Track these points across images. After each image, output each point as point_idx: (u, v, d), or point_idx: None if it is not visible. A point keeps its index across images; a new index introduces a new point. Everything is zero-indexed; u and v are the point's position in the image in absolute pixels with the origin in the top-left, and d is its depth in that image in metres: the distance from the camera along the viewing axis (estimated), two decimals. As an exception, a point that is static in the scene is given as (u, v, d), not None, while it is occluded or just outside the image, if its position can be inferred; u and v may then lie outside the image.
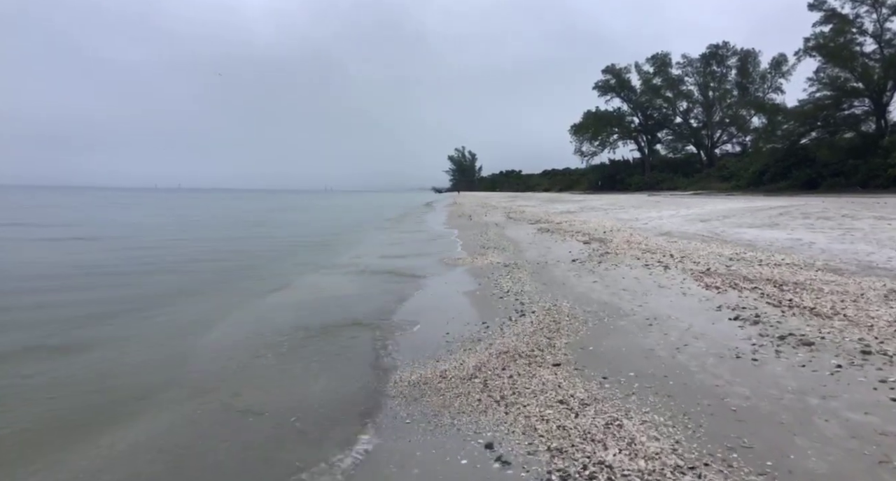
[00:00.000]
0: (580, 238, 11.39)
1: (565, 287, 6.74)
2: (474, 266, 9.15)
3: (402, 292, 7.33)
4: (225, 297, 7.24)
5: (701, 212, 14.64)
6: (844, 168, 34.93)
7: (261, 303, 6.73)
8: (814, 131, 38.23)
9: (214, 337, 5.24)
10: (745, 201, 19.45)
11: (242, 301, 6.87)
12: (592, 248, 9.60)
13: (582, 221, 15.21)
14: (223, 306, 6.55)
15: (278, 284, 8.02)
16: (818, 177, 36.29)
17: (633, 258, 8.11)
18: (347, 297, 7.05)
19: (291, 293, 7.42)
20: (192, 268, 9.97)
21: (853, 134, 37.17)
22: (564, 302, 5.92)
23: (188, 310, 6.46)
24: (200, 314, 6.19)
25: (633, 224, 13.62)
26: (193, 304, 6.82)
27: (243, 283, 8.38)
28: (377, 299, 6.94)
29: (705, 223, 11.51)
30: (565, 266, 8.26)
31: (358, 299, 6.96)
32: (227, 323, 5.79)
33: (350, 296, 7.18)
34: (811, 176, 36.75)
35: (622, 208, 19.23)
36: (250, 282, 8.42)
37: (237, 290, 7.77)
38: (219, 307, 6.52)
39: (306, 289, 7.65)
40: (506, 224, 16.96)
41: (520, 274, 7.96)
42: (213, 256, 11.69)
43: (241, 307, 6.51)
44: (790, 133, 39.28)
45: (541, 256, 9.52)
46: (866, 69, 36.49)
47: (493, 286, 7.22)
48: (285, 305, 6.62)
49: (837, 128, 37.51)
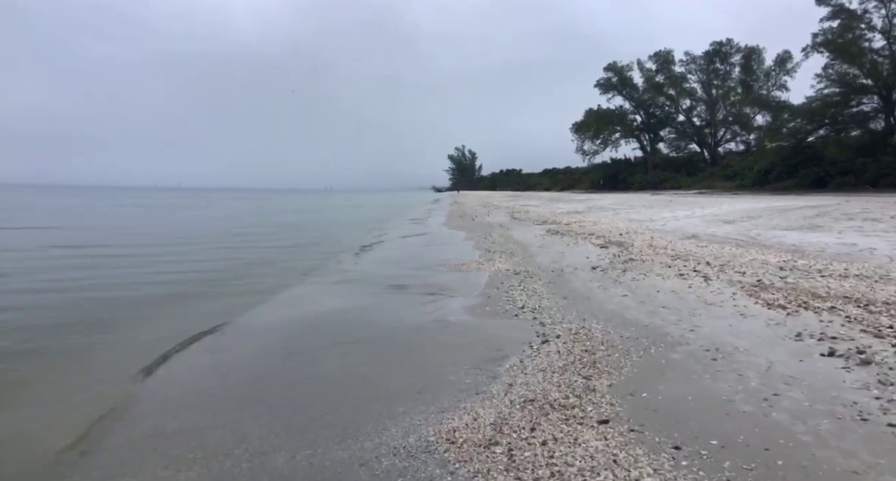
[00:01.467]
0: (595, 241, 10.33)
1: (591, 302, 5.68)
2: (480, 273, 8.10)
3: (394, 307, 6.28)
4: (205, 307, 6.19)
5: (719, 212, 13.58)
6: (853, 166, 33.87)
7: (236, 326, 5.67)
8: (821, 129, 37.18)
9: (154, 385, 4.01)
10: (762, 200, 18.37)
11: (213, 320, 5.81)
12: (612, 254, 8.54)
13: (592, 222, 14.15)
14: (186, 328, 5.49)
15: (253, 300, 6.96)
16: (826, 176, 35.24)
17: (662, 266, 7.06)
18: (335, 314, 6.00)
19: (271, 311, 6.36)
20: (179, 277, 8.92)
21: (861, 131, 36.14)
22: (594, 322, 4.87)
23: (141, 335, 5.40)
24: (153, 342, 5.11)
25: (648, 225, 12.57)
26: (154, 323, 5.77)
27: (218, 300, 7.33)
28: (364, 316, 5.89)
29: (731, 224, 10.46)
30: (585, 274, 7.20)
31: (346, 316, 5.90)
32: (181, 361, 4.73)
33: (339, 311, 6.13)
34: (819, 174, 35.68)
35: (632, 208, 18.17)
36: (229, 298, 7.37)
37: (204, 307, 6.71)
38: (181, 330, 5.45)
39: (289, 306, 6.58)
40: (511, 225, 15.90)
41: (534, 284, 6.90)
42: (199, 263, 10.65)
43: (208, 336, 5.46)
44: (797, 131, 38.23)
45: (554, 262, 8.46)
46: (875, 65, 35.42)
47: (504, 299, 6.16)
48: (258, 329, 5.56)
49: (846, 126, 36.46)
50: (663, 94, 53.55)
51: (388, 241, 14.23)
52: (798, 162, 37.55)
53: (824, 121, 36.81)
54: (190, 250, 12.39)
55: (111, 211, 34.03)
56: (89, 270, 9.28)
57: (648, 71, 53.84)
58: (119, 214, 30.45)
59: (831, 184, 33.86)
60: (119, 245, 13.44)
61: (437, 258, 10.07)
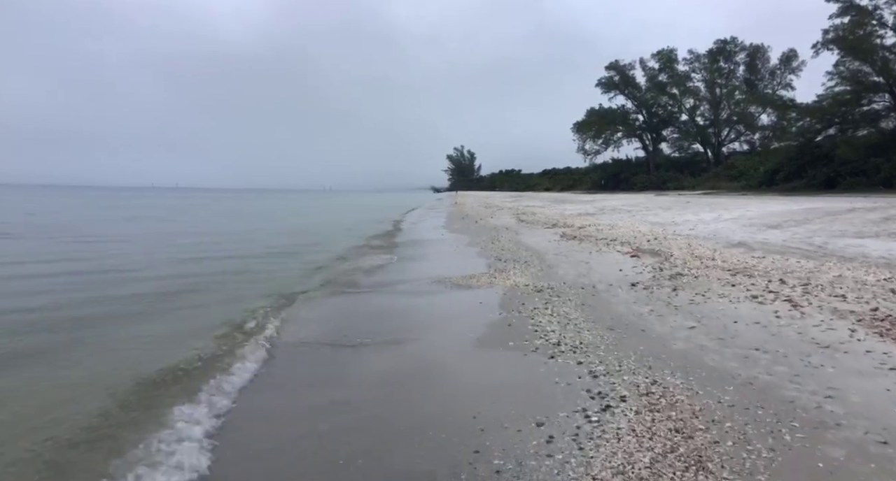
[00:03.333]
0: (621, 248, 8.91)
1: (649, 337, 4.25)
2: (492, 290, 6.67)
3: (382, 343, 4.84)
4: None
5: (752, 215, 12.17)
6: (865, 166, 32.61)
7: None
8: (831, 128, 35.86)
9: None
10: (785, 202, 16.93)
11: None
12: (650, 265, 7.11)
13: (609, 225, 12.72)
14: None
15: (219, 319, 5.49)
16: (837, 176, 33.99)
17: (723, 283, 5.63)
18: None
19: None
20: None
21: (872, 130, 34.85)
22: (666, 372, 3.45)
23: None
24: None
25: (674, 229, 11.15)
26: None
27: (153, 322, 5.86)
28: (340, 357, 4.45)
29: (780, 230, 9.03)
30: (626, 294, 5.77)
31: (317, 357, 4.46)
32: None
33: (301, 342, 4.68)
34: (829, 175, 34.41)
35: (648, 210, 16.76)
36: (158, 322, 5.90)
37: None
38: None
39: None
40: (518, 228, 14.46)
41: (564, 306, 5.47)
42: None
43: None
44: (806, 130, 36.90)
45: (581, 276, 7.03)
46: (886, 63, 34.13)
47: (530, 328, 4.73)
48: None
49: (856, 125, 35.15)
50: (666, 94, 52.15)
51: (381, 247, 12.78)
52: (806, 162, 36.31)
53: (834, 120, 35.51)
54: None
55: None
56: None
57: (651, 70, 52.45)
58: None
59: (842, 184, 32.68)
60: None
61: (436, 270, 8.62)
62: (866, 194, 27.02)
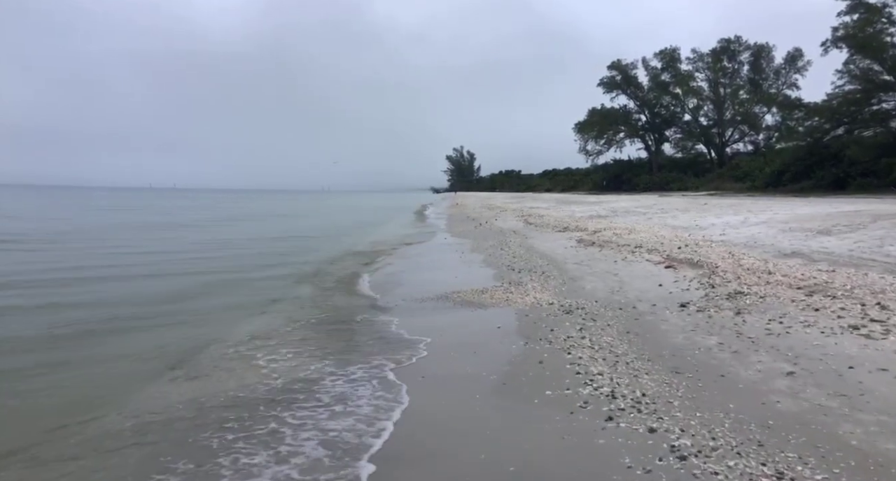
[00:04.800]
0: (649, 256, 7.79)
1: (733, 387, 3.13)
2: (510, 309, 5.54)
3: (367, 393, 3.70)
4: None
5: (784, 218, 11.05)
6: (876, 167, 31.57)
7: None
8: (840, 128, 34.79)
9: None
10: (807, 204, 15.78)
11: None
12: (694, 280, 5.98)
13: (627, 229, 11.60)
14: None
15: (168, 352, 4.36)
16: (846, 177, 32.98)
17: (799, 306, 4.52)
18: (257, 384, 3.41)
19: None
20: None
21: (882, 130, 33.81)
22: (789, 455, 2.32)
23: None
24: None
25: (702, 234, 10.03)
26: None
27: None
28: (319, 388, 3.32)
29: (834, 237, 7.89)
30: (678, 317, 4.65)
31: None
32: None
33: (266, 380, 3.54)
34: (838, 175, 33.39)
35: (664, 212, 15.63)
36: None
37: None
38: None
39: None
40: (527, 232, 13.33)
41: (604, 335, 4.35)
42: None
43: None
44: (814, 130, 35.82)
45: (614, 291, 5.91)
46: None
47: (569, 370, 3.61)
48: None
49: (866, 125, 34.10)
50: (669, 93, 51.00)
51: (377, 253, 11.65)
52: (814, 162, 35.29)
53: (843, 120, 34.46)
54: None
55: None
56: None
57: (654, 69, 51.30)
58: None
59: (852, 185, 31.70)
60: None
61: (440, 282, 7.49)
62: (880, 196, 25.98)
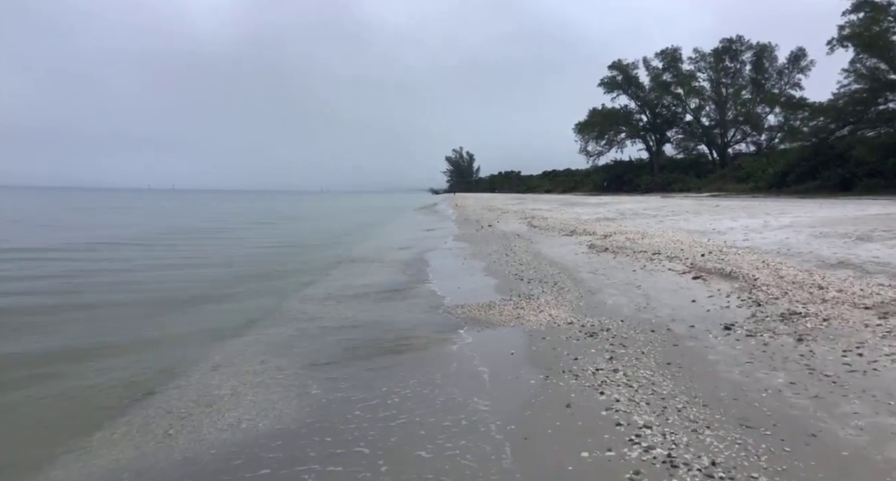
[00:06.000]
0: (670, 264, 7.03)
1: (834, 454, 2.37)
2: (523, 330, 4.78)
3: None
4: None
5: (808, 222, 10.29)
6: (883, 167, 30.91)
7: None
8: (846, 127, 34.07)
9: None
10: (835, 206, 14.92)
11: None
12: (732, 294, 5.21)
13: (639, 234, 10.84)
14: None
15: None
16: (852, 178, 32.31)
17: (876, 333, 3.77)
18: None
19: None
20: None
21: (889, 130, 33.09)
22: None
23: None
24: None
25: (722, 239, 9.27)
26: None
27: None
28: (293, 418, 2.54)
29: (880, 243, 7.12)
30: (725, 344, 3.89)
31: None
32: None
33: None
34: (844, 176, 32.71)
35: (675, 214, 14.85)
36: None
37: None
38: None
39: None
40: (532, 236, 12.56)
41: (640, 366, 3.59)
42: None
43: None
44: (819, 130, 35.09)
45: (640, 308, 5.15)
46: (901, 61, 32.38)
47: (605, 417, 2.85)
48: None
49: (872, 125, 33.38)
50: (670, 93, 50.31)
51: (371, 260, 10.89)
52: (819, 163, 34.62)
53: (849, 120, 33.73)
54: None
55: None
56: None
57: (655, 69, 50.64)
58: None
59: (859, 186, 31.05)
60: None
61: (440, 293, 6.72)
62: (888, 197, 25.28)
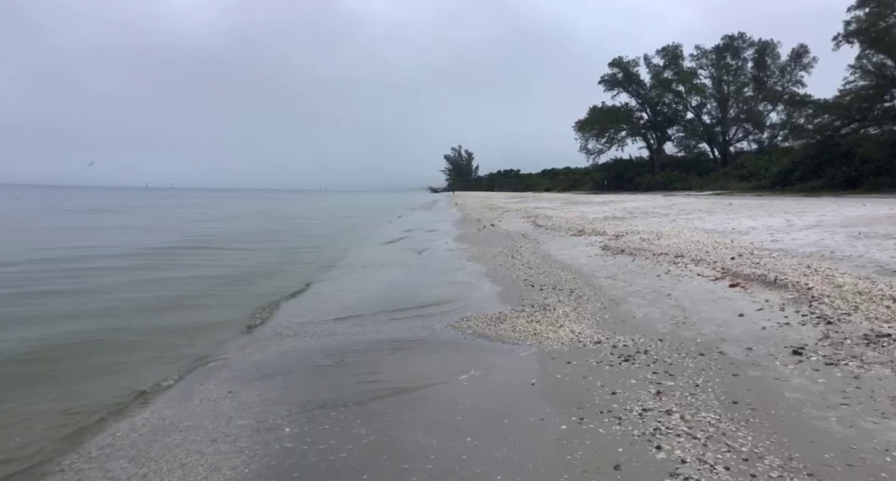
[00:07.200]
0: (695, 268, 6.24)
1: None
2: (541, 349, 3.99)
3: None
4: None
5: (838, 221, 9.52)
6: (890, 165, 30.24)
7: None
8: (852, 124, 33.34)
9: None
10: (852, 205, 14.13)
11: None
12: (783, 306, 4.43)
13: (654, 234, 10.05)
14: None
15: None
16: (858, 176, 31.63)
17: None
18: None
19: None
20: None
21: (894, 127, 32.37)
22: None
23: None
24: None
25: (748, 240, 8.49)
26: None
27: None
28: None
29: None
30: (802, 375, 3.11)
31: None
32: None
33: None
34: (850, 174, 32.03)
35: (687, 213, 14.08)
36: None
37: None
38: None
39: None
40: (538, 236, 11.76)
41: (700, 408, 2.80)
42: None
43: None
44: (824, 127, 34.35)
45: (677, 322, 4.36)
46: (908, 57, 31.63)
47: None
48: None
49: (879, 122, 32.66)
50: (671, 91, 49.51)
51: (345, 269, 10.09)
52: (824, 160, 33.91)
53: (855, 117, 33.00)
54: None
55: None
56: None
57: (656, 66, 49.82)
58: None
59: (864, 184, 30.38)
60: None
61: (438, 303, 5.93)
62: (889, 195, 24.59)
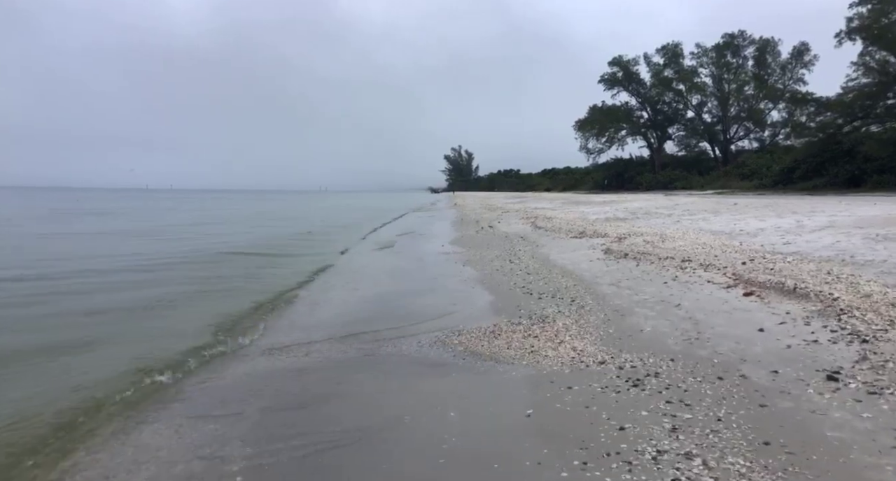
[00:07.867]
0: (703, 273, 5.77)
1: None
2: (539, 370, 3.52)
3: None
4: None
5: (851, 222, 9.02)
6: (893, 163, 29.81)
7: None
8: (855, 122, 32.87)
9: None
10: (860, 204, 13.66)
11: None
12: (807, 319, 3.96)
13: (658, 236, 9.57)
14: None
15: None
16: (861, 174, 31.19)
17: None
18: None
19: None
20: None
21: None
22: None
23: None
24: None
25: (757, 242, 8.02)
26: None
27: None
28: None
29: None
30: (842, 408, 2.64)
31: None
32: None
33: None
34: (853, 172, 31.58)
35: (691, 214, 13.59)
36: None
37: None
38: None
39: None
40: (537, 238, 11.29)
41: (727, 450, 2.32)
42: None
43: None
44: (827, 125, 33.88)
45: (690, 338, 3.90)
46: (910, 54, 31.16)
47: None
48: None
49: (882, 120, 32.19)
50: (671, 90, 49.01)
51: (349, 274, 9.63)
52: (827, 159, 33.46)
53: (858, 115, 32.53)
54: None
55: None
56: None
57: (656, 65, 49.32)
58: None
59: (868, 182, 29.96)
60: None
61: (429, 314, 5.46)
62: (892, 193, 24.14)
